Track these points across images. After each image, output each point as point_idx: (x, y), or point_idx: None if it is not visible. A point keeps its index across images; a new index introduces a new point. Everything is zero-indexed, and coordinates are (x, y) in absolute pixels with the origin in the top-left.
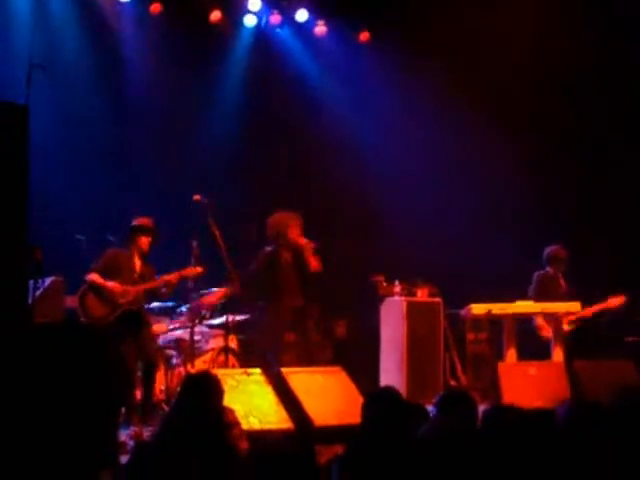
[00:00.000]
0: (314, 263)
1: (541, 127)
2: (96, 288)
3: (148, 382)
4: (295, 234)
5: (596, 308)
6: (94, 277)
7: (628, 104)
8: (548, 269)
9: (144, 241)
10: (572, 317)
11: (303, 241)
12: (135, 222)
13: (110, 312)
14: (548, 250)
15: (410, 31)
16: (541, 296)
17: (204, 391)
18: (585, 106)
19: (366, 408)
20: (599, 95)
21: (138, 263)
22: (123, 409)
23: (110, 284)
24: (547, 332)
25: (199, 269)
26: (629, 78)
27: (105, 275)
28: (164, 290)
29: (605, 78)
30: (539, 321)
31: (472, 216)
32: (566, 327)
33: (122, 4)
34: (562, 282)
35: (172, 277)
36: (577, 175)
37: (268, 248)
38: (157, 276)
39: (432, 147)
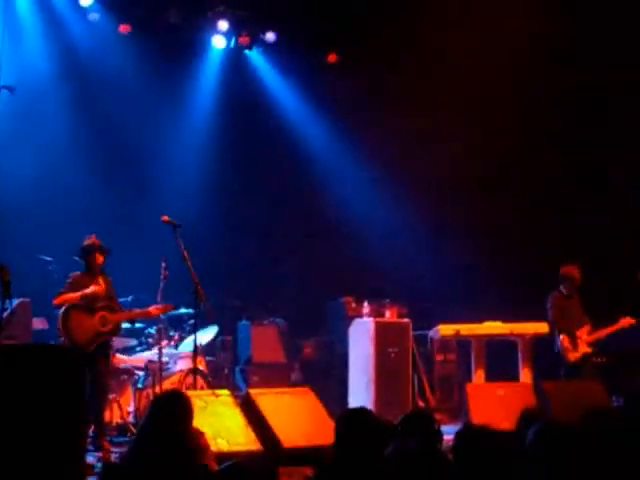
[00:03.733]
0: None
1: (508, 138)
2: (76, 314)
3: (99, 410)
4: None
5: (611, 329)
6: (66, 297)
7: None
8: (562, 289)
9: (99, 260)
10: (589, 339)
11: None
12: (88, 242)
13: (93, 339)
14: (563, 269)
15: (377, 51)
16: (560, 318)
17: (173, 411)
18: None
19: (340, 427)
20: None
21: (100, 280)
22: (91, 431)
23: (88, 290)
24: (573, 356)
25: (169, 307)
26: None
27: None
28: None
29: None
30: (565, 344)
31: (441, 236)
32: (587, 349)
33: (91, 24)
34: (577, 302)
35: (152, 310)
36: (550, 186)
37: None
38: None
39: (399, 165)
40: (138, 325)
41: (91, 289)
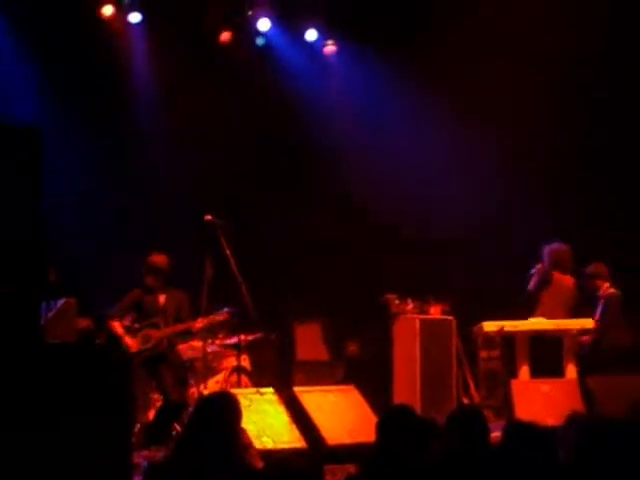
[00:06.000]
0: None
1: (551, 136)
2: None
3: (162, 417)
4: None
5: None
6: (116, 326)
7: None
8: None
9: (148, 279)
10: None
11: None
12: (147, 259)
13: (134, 355)
14: (591, 268)
15: (419, 47)
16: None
17: (221, 413)
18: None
19: (382, 425)
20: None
21: (162, 297)
22: (136, 430)
23: (127, 340)
24: None
25: (225, 315)
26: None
27: (125, 315)
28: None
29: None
30: None
31: (486, 233)
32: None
33: (132, 25)
34: None
35: (196, 323)
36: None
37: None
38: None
39: (443, 160)
40: None
41: (128, 341)
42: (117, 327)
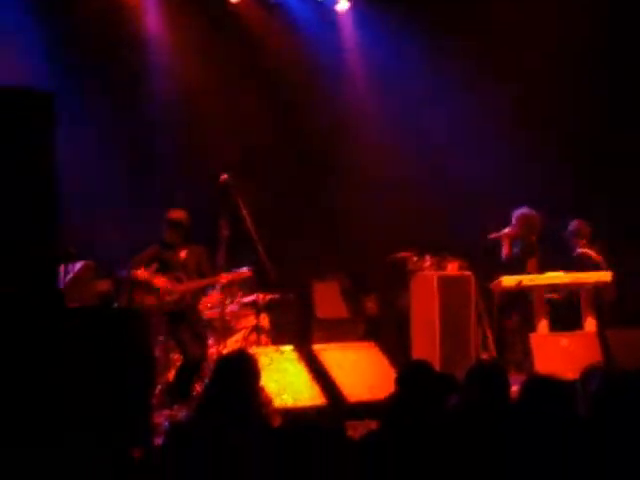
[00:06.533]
0: None
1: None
2: (142, 284)
3: (183, 375)
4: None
5: None
6: (140, 274)
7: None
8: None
9: (168, 235)
10: None
11: None
12: (166, 214)
13: (157, 308)
14: (572, 224)
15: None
16: None
17: (239, 373)
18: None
19: (400, 380)
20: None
21: (183, 253)
22: (158, 390)
23: (156, 281)
24: None
25: (247, 272)
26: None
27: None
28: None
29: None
30: None
31: (500, 189)
32: None
33: None
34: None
35: (221, 278)
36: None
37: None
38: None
39: (459, 119)
40: None
41: (158, 281)
42: (141, 273)
